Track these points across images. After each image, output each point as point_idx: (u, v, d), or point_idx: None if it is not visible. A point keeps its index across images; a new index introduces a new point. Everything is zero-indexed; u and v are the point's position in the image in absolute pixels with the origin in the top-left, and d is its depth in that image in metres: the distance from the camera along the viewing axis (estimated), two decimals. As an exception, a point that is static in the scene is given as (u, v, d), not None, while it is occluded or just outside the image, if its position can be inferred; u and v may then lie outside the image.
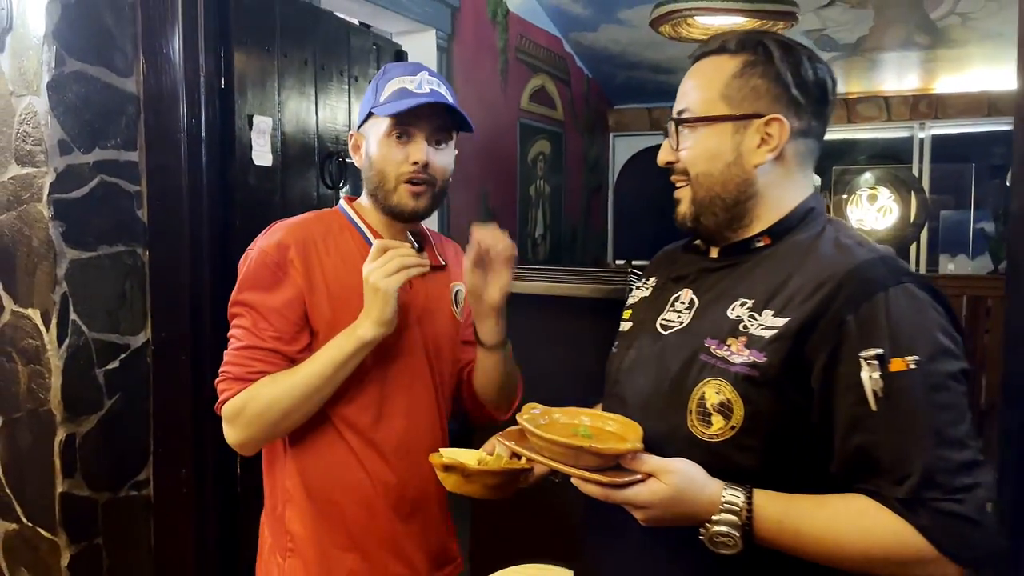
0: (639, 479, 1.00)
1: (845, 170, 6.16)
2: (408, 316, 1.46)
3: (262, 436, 1.40)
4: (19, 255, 2.08)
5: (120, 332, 2.18)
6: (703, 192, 1.15)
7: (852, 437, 1.01)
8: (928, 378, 0.98)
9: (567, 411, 1.16)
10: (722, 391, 1.06)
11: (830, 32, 5.32)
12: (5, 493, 2.18)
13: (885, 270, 1.04)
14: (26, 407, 2.11)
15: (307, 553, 1.46)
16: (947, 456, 0.97)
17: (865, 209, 6.01)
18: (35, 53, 2.02)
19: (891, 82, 5.95)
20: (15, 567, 2.18)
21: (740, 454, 1.05)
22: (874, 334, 1.00)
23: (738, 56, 1.14)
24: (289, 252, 1.40)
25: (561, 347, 2.27)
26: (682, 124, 1.16)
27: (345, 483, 1.45)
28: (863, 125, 6.10)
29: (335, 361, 1.35)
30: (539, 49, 5.56)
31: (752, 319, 1.07)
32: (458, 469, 1.16)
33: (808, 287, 1.05)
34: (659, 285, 1.28)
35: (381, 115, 1.42)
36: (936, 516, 0.96)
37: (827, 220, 1.16)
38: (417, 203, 1.44)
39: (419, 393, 1.49)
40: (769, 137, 1.12)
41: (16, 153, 2.07)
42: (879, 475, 0.99)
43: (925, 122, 5.93)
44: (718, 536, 0.99)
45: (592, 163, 6.57)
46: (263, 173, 2.38)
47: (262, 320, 1.39)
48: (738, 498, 0.99)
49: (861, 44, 5.46)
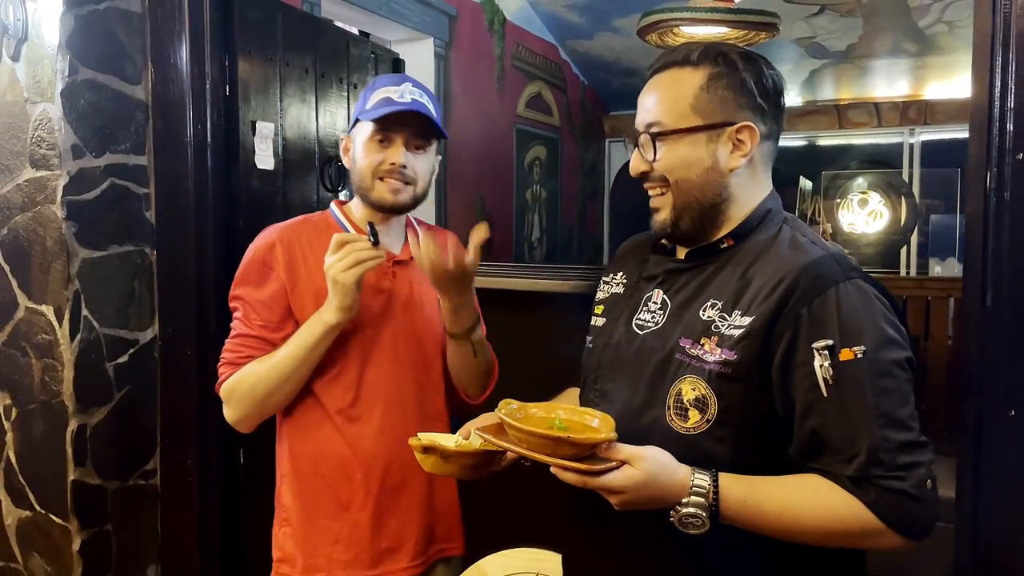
0: (614, 466, 1.05)
1: (836, 175, 6.24)
2: (392, 305, 1.62)
3: (254, 413, 1.57)
4: (34, 254, 2.17)
5: (129, 328, 2.26)
6: (683, 197, 1.21)
7: (806, 421, 1.09)
8: (874, 366, 1.07)
9: (542, 406, 1.21)
10: (697, 387, 1.14)
11: (820, 40, 5.41)
12: (19, 481, 2.25)
13: (836, 267, 1.13)
14: (39, 399, 2.19)
15: (296, 523, 1.62)
16: (890, 437, 1.06)
17: (856, 213, 6.09)
18: (49, 62, 2.10)
19: (881, 88, 6.04)
20: (28, 552, 2.26)
21: (714, 444, 1.13)
22: (826, 326, 1.08)
23: (700, 68, 1.20)
24: (275, 250, 1.58)
25: (545, 339, 2.36)
26: (658, 138, 1.21)
27: (330, 459, 1.59)
28: (854, 131, 6.19)
29: (307, 344, 1.50)
30: (535, 56, 5.64)
31: (722, 319, 1.15)
32: (436, 451, 1.24)
33: (768, 285, 1.13)
34: (631, 284, 1.34)
35: (365, 120, 1.57)
36: (881, 492, 1.05)
37: (784, 219, 1.24)
38: (396, 197, 1.58)
39: (403, 376, 1.62)
40: (740, 143, 1.19)
41: (31, 157, 2.16)
42: (830, 455, 1.08)
43: (915, 128, 6.01)
44: (687, 517, 1.06)
45: (588, 168, 6.65)
46: (265, 176, 2.46)
47: (251, 311, 1.57)
48: (705, 481, 1.06)
49: (851, 51, 5.55)
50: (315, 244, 1.59)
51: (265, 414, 1.59)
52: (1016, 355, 1.51)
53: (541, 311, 2.54)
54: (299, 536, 1.61)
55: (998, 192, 1.54)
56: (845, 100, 6.14)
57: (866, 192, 6.08)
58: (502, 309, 2.56)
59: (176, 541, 2.34)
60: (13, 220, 2.20)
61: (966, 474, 1.60)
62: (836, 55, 5.59)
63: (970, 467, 1.59)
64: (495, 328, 1.75)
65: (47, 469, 2.19)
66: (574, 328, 1.52)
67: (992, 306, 1.54)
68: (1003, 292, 1.53)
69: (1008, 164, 1.52)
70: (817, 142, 6.62)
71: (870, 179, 6.12)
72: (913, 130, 6.01)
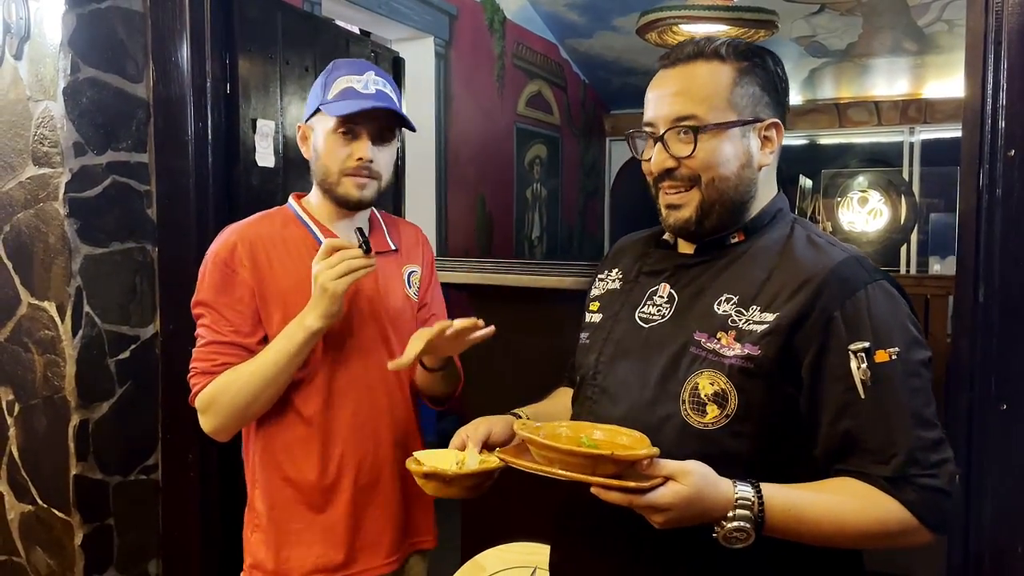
0: (659, 483, 1.00)
1: (836, 174, 6.25)
2: (358, 302, 1.56)
3: (232, 423, 1.52)
4: (36, 251, 2.18)
5: (131, 324, 2.28)
6: (716, 195, 1.17)
7: (840, 422, 1.08)
8: (906, 366, 1.08)
9: (568, 425, 1.16)
10: (716, 382, 1.11)
11: (820, 38, 5.42)
12: (22, 475, 2.27)
13: (861, 269, 1.13)
14: (42, 394, 2.21)
15: (268, 528, 1.57)
16: (924, 436, 1.06)
17: (856, 212, 6.10)
18: (52, 60, 2.12)
19: (881, 87, 6.05)
20: (30, 546, 2.28)
21: (733, 440, 1.10)
22: (860, 329, 1.08)
23: (730, 63, 1.17)
24: (236, 251, 1.52)
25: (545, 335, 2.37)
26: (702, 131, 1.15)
27: (302, 460, 1.55)
28: (853, 129, 6.21)
29: (288, 351, 1.45)
30: (535, 55, 5.66)
31: (740, 314, 1.13)
32: (436, 477, 1.19)
33: (791, 285, 1.12)
34: (630, 278, 1.31)
35: (329, 115, 1.50)
36: (919, 491, 1.05)
37: (794, 219, 1.23)
38: (362, 193, 1.53)
39: (372, 375, 1.57)
40: (768, 140, 1.19)
41: (33, 155, 2.17)
42: (864, 456, 1.07)
43: (914, 126, 6.03)
44: (732, 532, 1.02)
45: (588, 167, 6.66)
46: (266, 174, 2.47)
47: (220, 317, 1.51)
48: (749, 493, 1.02)
49: (851, 50, 5.56)
50: (278, 242, 1.55)
51: (243, 422, 1.54)
52: (1008, 349, 1.53)
53: (541, 307, 2.55)
54: (271, 541, 1.57)
55: (990, 188, 1.55)
56: (845, 99, 6.16)
57: (866, 191, 6.09)
58: (502, 305, 2.58)
59: (177, 535, 2.36)
60: (16, 217, 2.22)
61: (958, 467, 1.62)
62: (836, 54, 5.60)
63: (962, 460, 1.60)
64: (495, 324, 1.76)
65: (49, 464, 2.21)
66: (574, 324, 1.50)
67: (984, 301, 1.56)
68: (995, 287, 1.54)
69: (1000, 160, 1.54)
70: (817, 141, 6.63)
71: (870, 178, 6.12)
72: (913, 129, 6.03)
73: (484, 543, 1.90)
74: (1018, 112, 1.52)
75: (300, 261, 1.51)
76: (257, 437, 1.58)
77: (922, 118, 5.93)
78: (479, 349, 2.65)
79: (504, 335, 1.95)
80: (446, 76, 4.70)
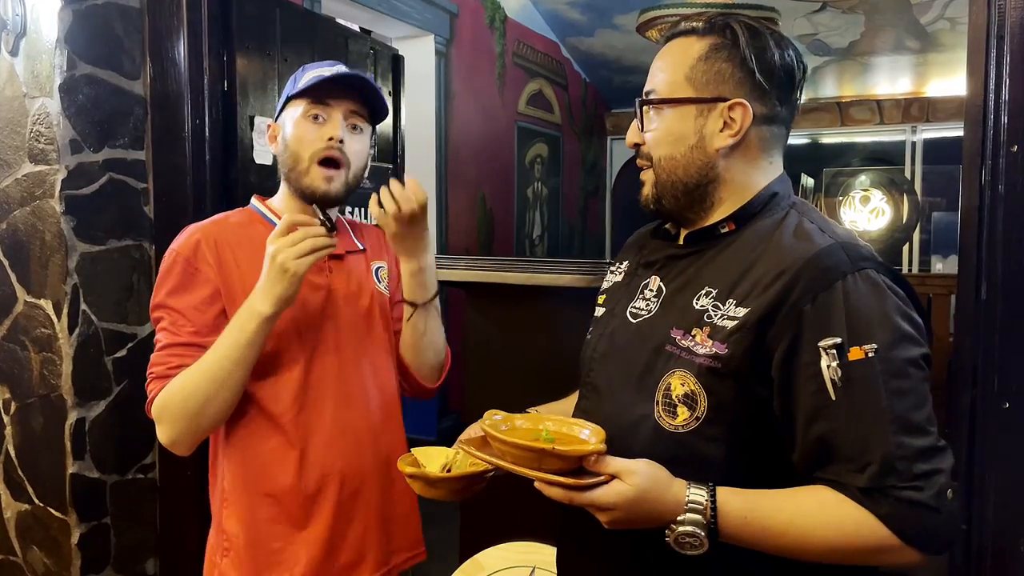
0: (603, 480, 0.97)
1: (838, 172, 6.24)
2: (334, 300, 1.48)
3: (188, 430, 1.36)
4: (32, 248, 2.17)
5: (128, 322, 2.27)
6: (665, 175, 1.14)
7: (813, 427, 0.99)
8: (887, 365, 0.97)
9: (530, 417, 1.15)
10: (687, 382, 1.05)
11: (822, 36, 5.41)
12: (18, 474, 2.26)
13: (844, 257, 1.02)
14: (39, 392, 2.20)
15: (241, 551, 1.45)
16: (906, 443, 0.95)
17: (858, 211, 6.09)
18: (48, 57, 2.11)
19: (883, 86, 6.04)
20: (27, 545, 2.27)
21: (706, 444, 1.04)
22: (832, 323, 0.98)
23: (706, 38, 1.12)
24: (200, 249, 1.41)
25: (545, 334, 2.37)
26: (648, 105, 1.14)
27: (280, 473, 1.43)
28: (856, 128, 6.19)
29: (240, 342, 1.32)
30: (536, 54, 5.65)
31: (716, 309, 1.06)
32: (420, 478, 1.17)
33: (768, 276, 1.03)
34: (630, 271, 1.27)
35: (296, 97, 1.43)
36: (897, 504, 0.95)
37: (791, 204, 1.14)
38: (329, 187, 1.43)
39: (351, 375, 1.49)
40: (732, 121, 1.10)
41: (30, 152, 2.16)
42: (840, 464, 0.98)
43: (917, 125, 6.01)
44: (683, 537, 0.97)
45: (589, 166, 6.66)
46: (263, 171, 2.46)
47: (180, 318, 1.39)
48: (702, 496, 0.97)
49: (853, 48, 5.55)
50: (243, 242, 1.45)
51: (200, 430, 1.38)
52: (1010, 347, 1.51)
53: (540, 306, 2.54)
54: (246, 564, 1.44)
55: (992, 184, 1.54)
56: (847, 97, 6.14)
57: (868, 190, 6.08)
58: (501, 303, 2.57)
59: (175, 534, 2.35)
60: (12, 215, 2.21)
61: (960, 466, 1.61)
62: (838, 52, 5.59)
63: (964, 459, 1.59)
64: (495, 323, 1.75)
65: (46, 463, 2.20)
66: (574, 322, 1.48)
67: (986, 299, 1.54)
68: (997, 285, 1.53)
69: (1002, 157, 1.52)
70: (819, 139, 6.61)
71: (872, 177, 6.12)
72: (915, 127, 6.02)
73: (483, 542, 1.90)
74: (1021, 108, 1.51)
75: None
76: (229, 451, 1.46)
77: (924, 117, 5.92)
78: (480, 347, 2.64)
79: (504, 333, 1.94)
80: (447, 74, 4.69)
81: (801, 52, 1.18)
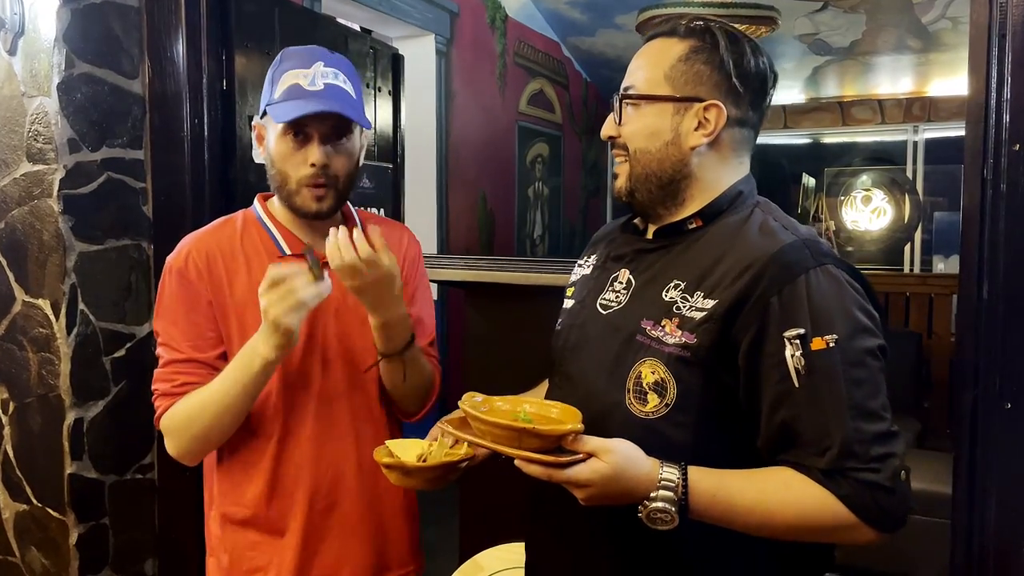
0: (580, 459, 1.02)
1: (840, 172, 6.24)
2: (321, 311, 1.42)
3: (195, 447, 1.42)
4: (31, 248, 2.17)
5: (126, 322, 2.26)
6: (640, 168, 1.19)
7: (777, 413, 1.06)
8: (846, 355, 1.04)
9: (508, 399, 1.18)
10: (656, 370, 1.11)
11: (823, 36, 5.40)
12: (16, 475, 2.25)
13: (807, 252, 1.09)
14: (36, 393, 2.19)
15: (220, 553, 1.49)
16: (863, 428, 1.03)
17: (859, 211, 6.08)
18: (46, 56, 2.11)
19: (885, 85, 6.03)
20: (25, 545, 2.26)
21: (674, 430, 1.10)
22: (796, 314, 1.05)
23: (686, 40, 1.18)
24: (191, 261, 1.43)
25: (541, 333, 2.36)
26: (626, 100, 1.20)
27: (258, 480, 1.45)
28: (857, 128, 6.18)
29: (243, 382, 1.34)
30: (537, 53, 5.64)
31: (684, 300, 1.12)
32: (397, 467, 1.20)
33: (735, 270, 1.10)
34: (599, 264, 1.32)
35: (274, 120, 1.40)
36: (855, 485, 1.02)
37: (756, 203, 1.21)
38: (320, 205, 1.41)
39: (334, 385, 1.47)
40: (706, 122, 1.16)
41: (28, 151, 2.16)
42: (801, 448, 1.05)
43: (918, 125, 6.00)
44: (655, 512, 1.03)
45: (590, 165, 6.65)
46: (262, 171, 2.39)
47: (177, 333, 1.42)
48: (674, 474, 1.03)
49: (854, 48, 5.53)
50: (236, 251, 1.46)
51: (207, 447, 1.44)
52: (1012, 347, 1.50)
53: (539, 305, 2.53)
54: (224, 566, 1.48)
55: (995, 183, 1.53)
56: (848, 97, 6.13)
57: (870, 189, 6.07)
58: (500, 303, 2.56)
59: (173, 535, 2.34)
60: (10, 214, 2.20)
61: (962, 467, 1.60)
62: (839, 51, 5.58)
63: (966, 459, 1.58)
64: (495, 322, 1.74)
65: (44, 463, 2.20)
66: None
67: (988, 298, 1.53)
68: (999, 284, 1.52)
69: (1004, 155, 1.52)
70: (820, 139, 6.61)
71: (874, 176, 6.11)
72: (917, 127, 6.00)
73: (482, 543, 1.89)
74: (1022, 106, 1.50)
75: (260, 271, 1.34)
76: (217, 455, 1.50)
77: (926, 116, 5.91)
78: (479, 347, 2.64)
79: (504, 332, 1.93)
80: (447, 74, 4.68)
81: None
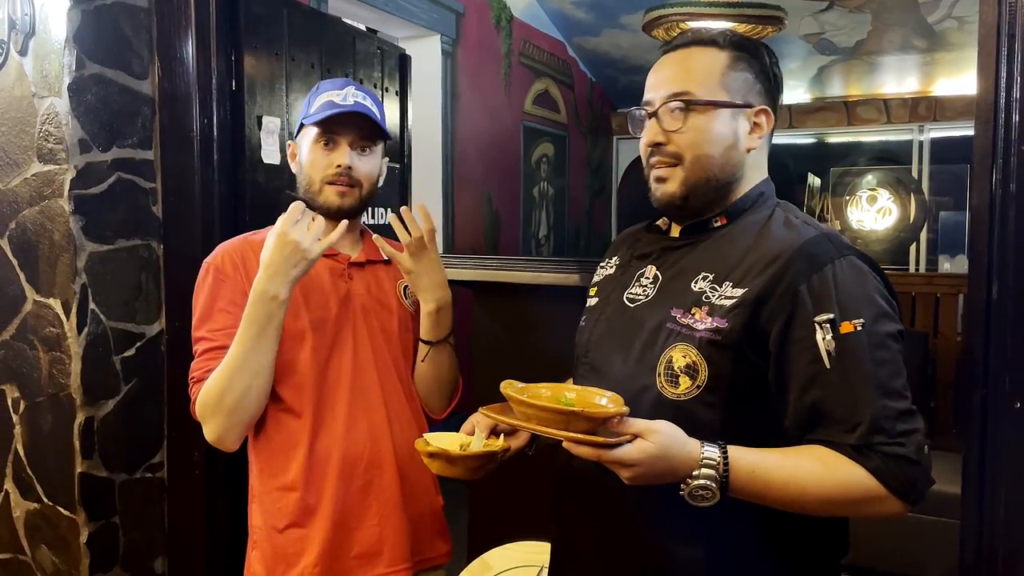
0: (628, 439, 1.06)
1: (845, 172, 6.21)
2: (351, 306, 1.58)
3: (230, 424, 1.46)
4: (41, 248, 2.18)
5: (136, 321, 2.27)
6: (700, 173, 1.23)
7: (808, 393, 1.12)
8: (872, 338, 1.11)
9: (548, 386, 1.22)
10: (688, 354, 1.17)
11: (829, 36, 5.39)
12: (27, 473, 2.27)
13: (830, 245, 1.17)
14: (47, 392, 2.20)
15: (263, 544, 1.55)
16: (890, 405, 1.10)
17: (865, 210, 6.06)
18: (56, 57, 2.12)
19: (890, 85, 6.01)
20: (36, 544, 2.27)
21: (705, 410, 1.16)
22: (825, 301, 1.12)
23: (726, 50, 1.25)
24: (227, 256, 1.55)
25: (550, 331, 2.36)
26: (693, 105, 1.22)
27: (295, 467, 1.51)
28: (863, 127, 6.16)
29: (257, 326, 1.41)
30: (542, 53, 5.65)
31: (713, 290, 1.18)
32: (441, 456, 1.25)
33: (763, 261, 1.17)
34: (623, 263, 1.39)
35: (308, 124, 1.56)
36: (884, 458, 1.08)
37: (776, 203, 1.28)
38: (343, 201, 1.56)
39: (366, 377, 1.56)
40: (758, 126, 1.25)
41: (39, 151, 2.17)
42: (831, 426, 1.11)
43: (924, 124, 5.97)
44: (698, 490, 1.07)
45: (595, 166, 6.65)
46: (271, 171, 2.47)
47: (213, 324, 1.51)
48: (715, 453, 1.08)
49: (860, 48, 5.52)
50: None
51: (243, 423, 1.48)
52: (1021, 347, 1.51)
53: (546, 304, 2.54)
54: (267, 556, 1.54)
55: (1004, 183, 1.53)
56: (854, 97, 6.12)
57: (875, 189, 6.05)
58: (507, 302, 2.57)
59: (183, 533, 2.35)
60: (21, 214, 2.22)
61: (971, 466, 1.60)
62: (845, 51, 5.57)
63: (975, 459, 1.59)
64: (502, 322, 1.75)
65: (55, 462, 2.21)
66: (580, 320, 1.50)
67: (998, 298, 1.54)
68: (1009, 283, 1.52)
69: (1014, 155, 1.52)
70: (826, 139, 6.59)
71: (879, 176, 6.09)
72: (922, 127, 5.98)
73: (491, 542, 1.90)
74: (1032, 106, 1.50)
75: None
76: (254, 448, 1.58)
77: (932, 116, 5.88)
78: (486, 346, 2.64)
79: (510, 332, 1.94)
80: (453, 74, 4.69)
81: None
